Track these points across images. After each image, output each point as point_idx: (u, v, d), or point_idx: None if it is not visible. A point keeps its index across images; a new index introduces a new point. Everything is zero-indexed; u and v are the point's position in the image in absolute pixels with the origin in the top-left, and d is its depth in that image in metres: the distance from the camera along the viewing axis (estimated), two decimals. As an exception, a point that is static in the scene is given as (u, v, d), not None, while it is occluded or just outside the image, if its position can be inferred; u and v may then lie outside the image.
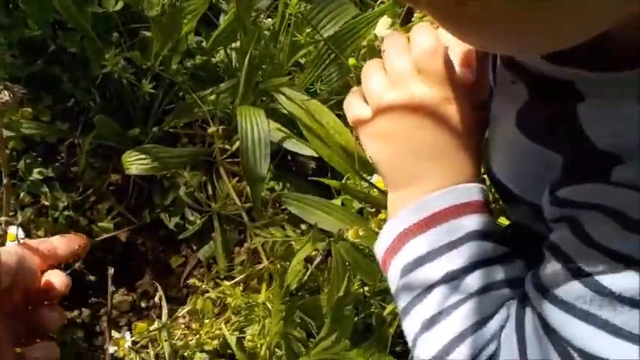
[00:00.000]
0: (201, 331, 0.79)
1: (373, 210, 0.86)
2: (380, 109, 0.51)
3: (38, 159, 0.97)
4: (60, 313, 0.47)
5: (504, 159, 0.56)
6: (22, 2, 0.93)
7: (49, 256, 0.47)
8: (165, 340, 0.77)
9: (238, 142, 0.92)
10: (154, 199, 0.96)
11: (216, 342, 0.78)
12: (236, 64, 1.00)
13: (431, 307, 0.47)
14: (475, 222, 0.49)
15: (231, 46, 0.96)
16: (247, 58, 0.86)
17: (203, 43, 1.01)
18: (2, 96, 0.58)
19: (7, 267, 0.44)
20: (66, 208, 0.94)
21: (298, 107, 0.86)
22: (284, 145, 0.89)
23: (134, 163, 0.87)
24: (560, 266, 0.45)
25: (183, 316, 0.85)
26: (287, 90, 0.88)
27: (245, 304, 0.79)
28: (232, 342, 0.76)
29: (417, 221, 0.49)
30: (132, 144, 0.96)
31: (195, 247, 0.95)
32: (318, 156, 0.91)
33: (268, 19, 1.03)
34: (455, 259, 0.48)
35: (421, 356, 0.47)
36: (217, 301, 0.83)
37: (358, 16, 0.88)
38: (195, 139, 0.98)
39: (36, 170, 0.94)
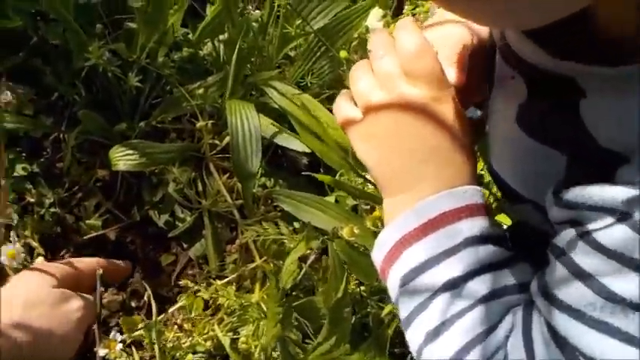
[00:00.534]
0: (194, 332, 0.77)
1: (368, 207, 0.85)
2: (369, 109, 0.50)
3: (22, 154, 0.93)
4: None
5: (505, 156, 0.54)
6: (1, -8, 0.90)
7: None
8: (154, 342, 0.75)
9: (228, 138, 0.90)
10: (143, 195, 0.94)
11: (209, 343, 0.76)
12: (224, 57, 0.97)
13: (434, 317, 0.45)
14: (474, 226, 0.48)
15: (219, 38, 0.93)
16: (236, 51, 0.83)
17: (189, 35, 0.98)
18: (5, 96, 0.55)
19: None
20: (52, 205, 0.91)
21: (289, 101, 0.84)
22: (275, 140, 0.87)
23: (121, 158, 0.85)
24: (566, 271, 0.43)
25: (174, 316, 0.83)
26: (277, 84, 0.86)
27: (238, 305, 0.77)
28: (226, 343, 0.74)
29: (413, 228, 0.47)
30: (119, 139, 0.93)
31: (185, 245, 0.93)
32: (310, 151, 0.89)
33: (256, 11, 1.01)
34: (455, 266, 0.46)
35: None
36: (210, 301, 0.81)
37: (349, 8, 0.86)
38: (183, 133, 0.96)
39: (20, 166, 0.91)
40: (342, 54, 0.84)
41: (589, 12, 0.41)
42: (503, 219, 0.63)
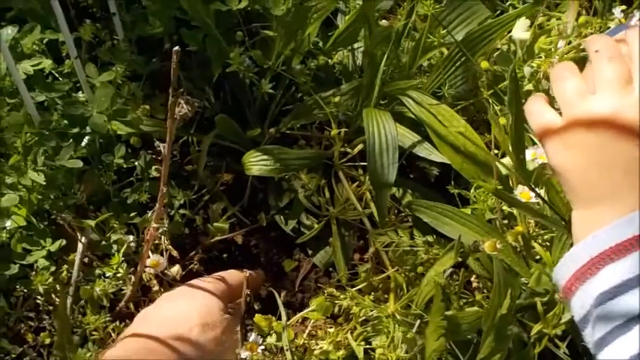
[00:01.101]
0: (325, 340, 0.76)
1: (505, 221, 0.82)
2: (576, 117, 0.48)
3: (153, 156, 0.96)
4: None
5: None
6: (145, -2, 0.93)
7: None
8: (287, 347, 0.75)
9: (360, 146, 0.90)
10: (269, 200, 0.94)
11: (341, 352, 0.75)
12: (354, 66, 0.97)
13: (639, 343, 0.43)
14: None
15: (353, 46, 0.93)
16: (376, 61, 0.83)
17: (319, 44, 0.99)
18: (181, 109, 0.57)
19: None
20: (182, 207, 0.93)
21: (426, 111, 0.83)
22: (414, 150, 0.85)
23: (256, 164, 0.86)
24: None
25: (303, 324, 0.83)
26: (415, 93, 0.85)
27: (368, 314, 0.76)
28: (360, 353, 0.73)
29: (615, 244, 0.45)
30: (248, 144, 0.94)
31: (310, 252, 0.93)
32: (440, 162, 0.88)
33: (383, 21, 1.01)
34: None
35: None
36: (339, 309, 0.80)
37: (492, 18, 0.84)
38: (311, 141, 0.96)
39: (153, 167, 0.94)
40: (484, 64, 0.82)
41: None
42: None
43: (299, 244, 0.92)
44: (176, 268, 0.84)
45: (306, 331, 0.79)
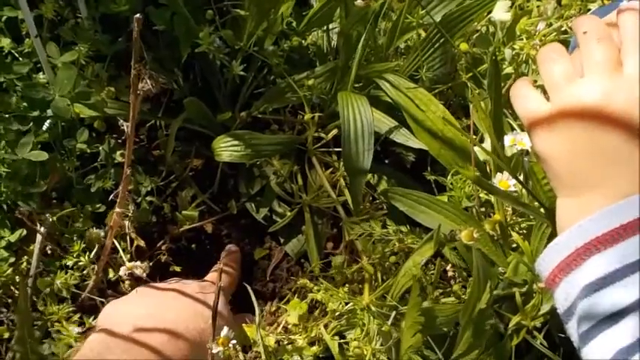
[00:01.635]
0: (299, 334, 0.73)
1: (482, 209, 0.80)
2: (563, 102, 0.46)
3: (119, 141, 0.92)
4: None
5: None
6: (109, -25, 0.88)
7: None
8: (259, 342, 0.72)
9: (334, 131, 0.87)
10: (240, 187, 0.91)
11: (315, 347, 0.73)
12: (328, 48, 0.94)
13: (625, 335, 0.41)
14: None
15: (328, 27, 0.90)
16: (352, 42, 0.80)
17: (293, 24, 0.95)
18: (144, 84, 0.53)
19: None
20: (149, 194, 0.89)
21: (404, 95, 0.80)
22: (390, 136, 0.82)
23: (226, 149, 0.82)
24: None
25: (274, 315, 0.80)
26: (391, 76, 0.82)
27: (346, 308, 0.74)
28: (335, 348, 0.70)
29: (601, 234, 0.43)
30: (218, 129, 0.90)
31: (282, 241, 0.90)
32: (417, 148, 0.85)
33: (359, 0, 0.97)
34: None
35: None
36: (314, 302, 0.77)
37: (472, -1, 0.81)
38: (283, 125, 0.93)
39: (118, 152, 0.90)
40: (463, 46, 0.79)
41: None
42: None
43: (271, 232, 0.89)
44: (144, 265, 0.80)
45: (280, 324, 0.76)
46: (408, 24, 0.82)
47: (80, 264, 0.79)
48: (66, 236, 0.82)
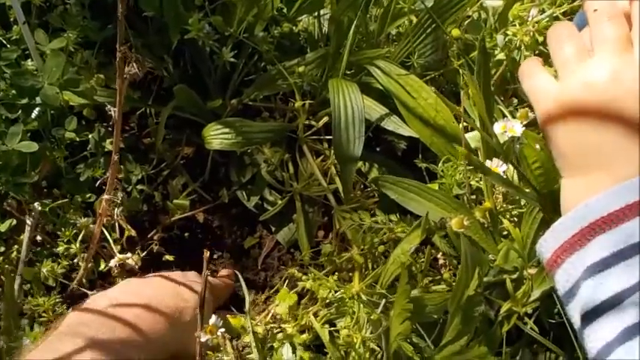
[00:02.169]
0: (289, 322, 0.73)
1: (473, 197, 0.80)
2: (572, 81, 0.46)
3: (109, 129, 0.91)
4: None
5: None
6: (97, -40, 0.87)
7: None
8: (249, 330, 0.72)
9: (325, 119, 0.86)
10: (231, 175, 0.90)
11: (305, 335, 0.73)
12: (319, 34, 0.93)
13: (629, 315, 0.41)
14: None
15: (319, 13, 0.89)
16: (343, 28, 0.79)
17: (284, 10, 0.94)
18: (131, 68, 0.52)
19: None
20: (139, 182, 0.89)
21: (395, 82, 0.80)
22: (381, 124, 0.82)
23: (217, 137, 0.82)
24: None
25: (265, 304, 0.80)
26: (382, 63, 0.81)
27: (336, 296, 0.73)
28: (325, 336, 0.70)
29: (607, 214, 0.42)
30: (209, 116, 0.90)
31: (273, 229, 0.89)
32: (408, 135, 0.85)
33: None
34: None
35: None
36: (304, 290, 0.77)
37: (464, -16, 0.80)
38: (274, 113, 0.92)
39: (108, 141, 0.89)
40: (454, 32, 0.79)
41: None
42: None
43: (262, 220, 0.89)
44: (136, 257, 0.80)
45: (269, 313, 0.76)
46: (399, 10, 0.81)
47: (71, 251, 0.79)
48: (56, 226, 0.82)
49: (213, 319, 0.66)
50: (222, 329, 0.65)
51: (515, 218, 0.76)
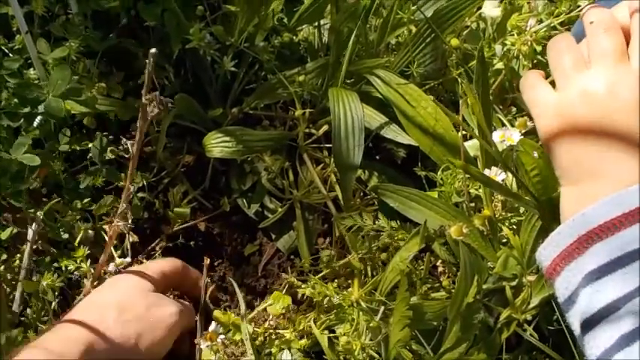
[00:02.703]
0: (287, 328, 0.73)
1: (472, 204, 0.80)
2: (569, 91, 0.47)
3: (110, 137, 0.92)
4: None
5: None
6: (100, -29, 0.88)
7: None
8: (246, 337, 0.72)
9: (325, 127, 0.87)
10: (231, 183, 0.91)
11: (303, 341, 0.73)
12: (319, 43, 0.94)
13: (627, 322, 0.41)
14: None
15: (319, 23, 0.90)
16: (342, 38, 0.80)
17: (284, 20, 0.95)
18: (153, 108, 0.53)
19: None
20: (140, 190, 0.89)
21: (394, 91, 0.80)
22: (380, 132, 0.83)
23: (217, 145, 0.82)
24: None
25: (265, 311, 0.80)
26: (382, 72, 0.82)
27: (335, 302, 0.74)
28: (324, 343, 0.70)
29: (603, 222, 0.43)
30: (210, 125, 0.90)
31: (273, 236, 0.90)
32: (408, 144, 0.86)
33: (349, -4, 0.97)
34: None
35: None
36: (303, 296, 0.77)
37: (462, -6, 0.81)
38: (275, 121, 0.93)
39: (109, 149, 0.89)
40: (454, 42, 0.79)
41: None
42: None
43: (262, 228, 0.89)
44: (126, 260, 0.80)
45: (268, 320, 0.76)
46: (398, 20, 0.82)
47: (75, 271, 0.79)
48: (55, 233, 0.82)
49: (212, 326, 0.67)
50: (222, 336, 0.65)
51: (514, 226, 0.77)
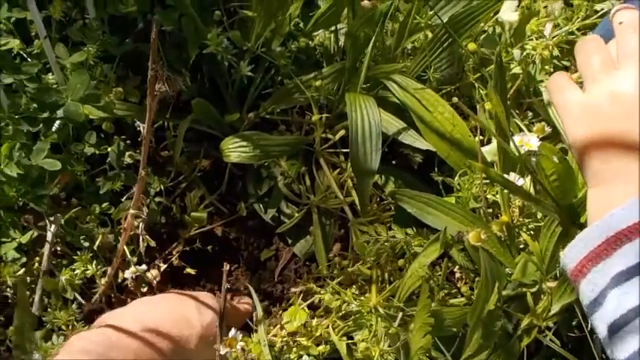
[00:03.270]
0: (304, 335, 0.73)
1: (490, 210, 0.80)
2: (598, 92, 0.46)
3: (127, 142, 0.92)
4: None
5: None
6: (118, -23, 0.89)
7: None
8: (264, 343, 0.72)
9: (341, 132, 0.87)
10: (248, 188, 0.91)
11: (321, 347, 0.73)
12: (335, 48, 0.94)
13: None
14: None
15: (337, 27, 0.90)
16: (359, 43, 0.80)
17: (300, 25, 0.95)
18: (161, 86, 0.53)
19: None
20: (158, 194, 0.90)
21: (411, 96, 0.80)
22: (397, 137, 0.82)
23: (234, 150, 0.82)
24: None
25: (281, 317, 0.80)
26: (399, 77, 0.82)
27: (353, 308, 0.74)
28: (343, 349, 0.70)
29: (632, 223, 0.43)
30: (226, 130, 0.91)
31: (290, 241, 0.90)
32: (425, 149, 0.85)
33: (365, 1, 0.97)
34: None
35: None
36: (320, 302, 0.77)
37: (479, -1, 0.81)
38: (291, 126, 0.93)
39: (127, 154, 0.90)
40: (471, 46, 0.79)
41: None
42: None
43: (278, 233, 0.89)
44: (155, 272, 0.80)
45: (284, 327, 0.76)
46: (415, 25, 0.82)
47: (88, 272, 0.80)
48: (74, 238, 0.83)
49: (232, 332, 0.67)
50: (242, 343, 0.65)
51: (531, 232, 0.76)
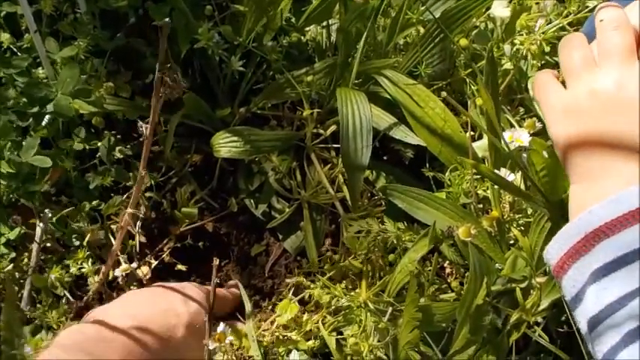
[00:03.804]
0: (294, 330, 0.73)
1: (480, 206, 0.80)
2: (578, 89, 0.47)
3: (118, 136, 0.92)
4: None
5: None
6: (109, -30, 0.88)
7: None
8: (253, 339, 0.72)
9: (333, 127, 0.87)
10: (239, 183, 0.91)
11: (310, 342, 0.73)
12: (327, 43, 0.94)
13: (634, 318, 0.41)
14: None
15: (328, 23, 0.90)
16: (350, 38, 0.80)
17: (292, 20, 0.95)
18: (166, 88, 0.53)
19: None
20: (148, 189, 0.89)
21: (402, 92, 0.80)
22: (388, 133, 0.82)
23: (225, 145, 0.82)
24: None
25: (273, 311, 0.80)
26: (390, 73, 0.82)
27: (343, 303, 0.74)
28: (332, 344, 0.70)
29: (610, 220, 0.43)
30: (217, 124, 0.90)
31: (280, 237, 0.90)
32: (416, 144, 0.85)
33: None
34: None
35: None
36: (310, 297, 0.77)
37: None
38: (282, 121, 0.92)
39: (117, 148, 0.90)
40: (463, 42, 0.79)
41: None
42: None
43: (269, 228, 0.89)
44: (145, 269, 0.80)
45: (275, 320, 0.76)
46: (407, 20, 0.82)
47: (83, 270, 0.79)
48: (65, 236, 0.82)
49: (221, 327, 0.67)
50: (231, 337, 0.65)
51: (522, 227, 0.76)
